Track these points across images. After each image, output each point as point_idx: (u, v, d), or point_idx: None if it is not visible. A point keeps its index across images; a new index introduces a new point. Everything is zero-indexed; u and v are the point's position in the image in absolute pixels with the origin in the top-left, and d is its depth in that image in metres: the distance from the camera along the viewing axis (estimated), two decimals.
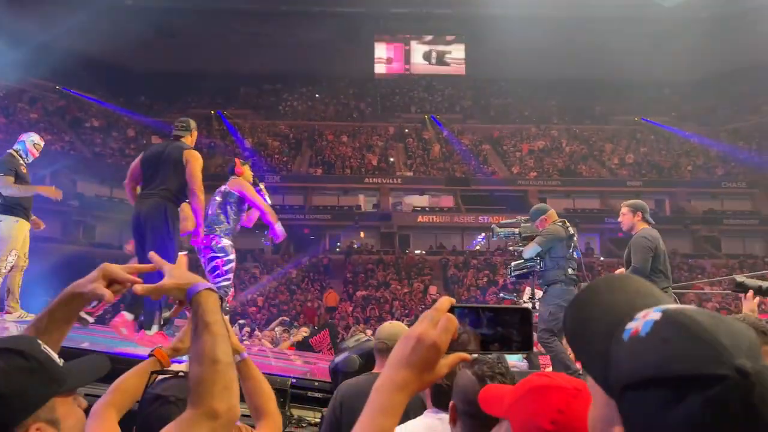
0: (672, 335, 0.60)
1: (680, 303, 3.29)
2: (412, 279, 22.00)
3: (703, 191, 27.00)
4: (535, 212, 5.22)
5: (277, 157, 27.73)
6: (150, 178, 4.77)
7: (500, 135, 30.24)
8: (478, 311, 0.90)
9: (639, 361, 0.61)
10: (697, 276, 20.74)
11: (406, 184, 27.47)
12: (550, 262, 4.87)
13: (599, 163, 28.64)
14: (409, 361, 0.86)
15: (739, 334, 0.60)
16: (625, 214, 4.98)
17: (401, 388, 0.86)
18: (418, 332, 0.87)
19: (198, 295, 1.17)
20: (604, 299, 0.73)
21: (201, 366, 1.10)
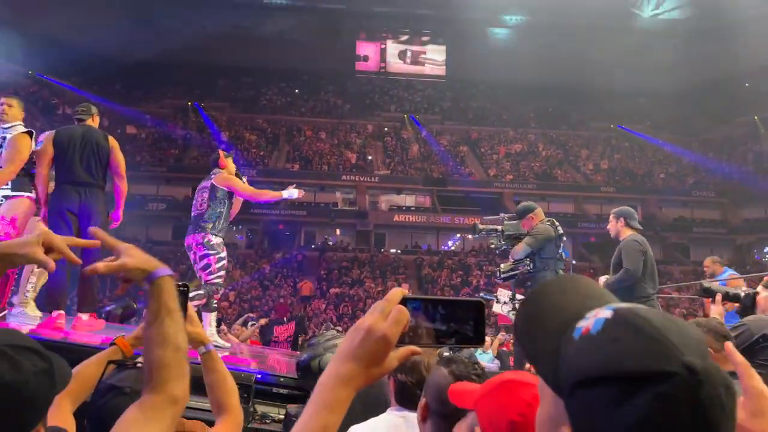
0: (622, 333, 0.60)
1: None
2: (386, 278, 21.99)
3: (674, 199, 27.53)
4: (522, 210, 5.09)
5: (254, 151, 27.48)
6: (71, 164, 4.65)
7: (478, 137, 30.42)
8: (431, 304, 0.88)
9: (588, 359, 0.61)
10: (666, 282, 21.10)
11: (383, 183, 27.46)
12: (539, 263, 4.76)
13: (574, 168, 28.98)
14: (356, 353, 0.82)
15: (688, 334, 0.61)
16: (611, 221, 5.01)
17: (346, 383, 0.82)
18: (367, 324, 0.83)
19: (161, 280, 1.14)
20: (556, 299, 0.73)
21: (165, 350, 1.10)
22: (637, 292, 4.59)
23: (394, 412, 1.90)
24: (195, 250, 4.96)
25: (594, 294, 0.73)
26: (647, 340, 0.59)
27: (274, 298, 19.06)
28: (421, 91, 33.33)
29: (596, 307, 0.67)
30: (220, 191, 5.06)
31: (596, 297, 0.72)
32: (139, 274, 1.15)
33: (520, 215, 5.03)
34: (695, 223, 26.94)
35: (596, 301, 0.70)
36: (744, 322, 2.75)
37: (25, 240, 1.15)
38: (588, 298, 0.71)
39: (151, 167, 26.04)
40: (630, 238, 4.76)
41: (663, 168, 28.87)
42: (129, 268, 1.14)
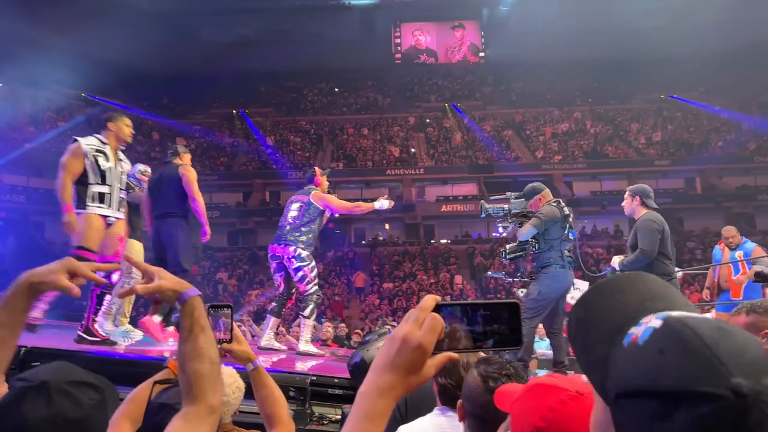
0: (669, 345, 0.57)
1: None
2: (438, 269, 21.95)
3: (735, 167, 26.33)
4: (529, 192, 5.01)
5: (299, 153, 27.87)
6: (155, 200, 5.38)
7: (522, 119, 29.90)
8: (465, 308, 0.88)
9: (633, 369, 0.59)
10: None
11: (428, 174, 27.38)
12: (544, 244, 4.71)
13: (625, 143, 28.12)
14: (394, 364, 0.83)
15: (742, 348, 0.55)
16: (626, 198, 4.88)
17: (386, 393, 0.83)
18: (402, 333, 0.83)
19: (193, 299, 1.21)
20: (611, 301, 0.70)
21: (202, 364, 1.16)
22: (655, 270, 4.45)
23: (438, 412, 1.92)
24: (286, 263, 5.24)
25: (654, 295, 0.69)
26: (693, 356, 0.55)
27: (329, 297, 19.32)
28: (461, 78, 32.98)
29: (656, 309, 0.64)
30: (315, 208, 5.33)
31: (657, 299, 0.68)
32: (172, 295, 1.22)
33: (528, 196, 4.97)
34: (760, 191, 25.69)
35: (656, 303, 0.66)
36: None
37: (51, 268, 1.22)
38: (647, 300, 0.67)
39: (202, 176, 26.52)
40: (645, 217, 4.63)
41: (720, 135, 27.64)
42: (164, 289, 1.21)
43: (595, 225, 24.68)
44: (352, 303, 19.90)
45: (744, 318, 2.40)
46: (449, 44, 32.55)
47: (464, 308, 0.88)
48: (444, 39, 32.65)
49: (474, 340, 0.86)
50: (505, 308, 0.88)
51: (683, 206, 25.63)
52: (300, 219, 5.30)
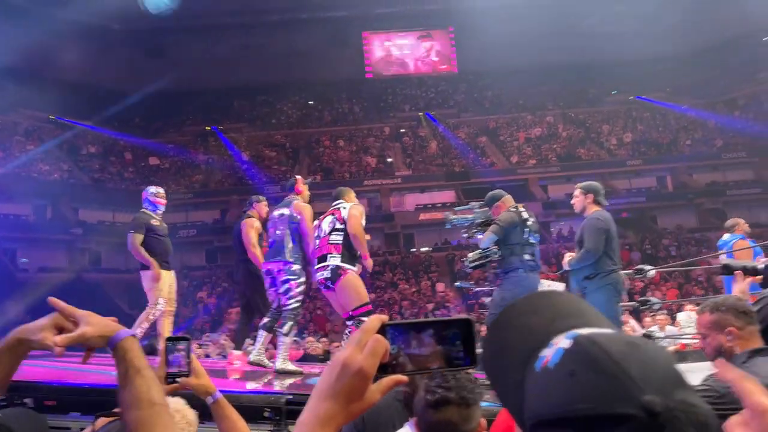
0: (578, 368, 0.55)
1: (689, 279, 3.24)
2: (419, 277, 21.98)
3: (704, 164, 26.86)
4: (489, 199, 5.10)
5: (275, 167, 27.77)
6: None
7: (496, 126, 30.17)
8: (414, 327, 0.84)
9: (547, 396, 0.57)
10: (704, 251, 20.62)
11: (406, 183, 27.46)
12: (505, 250, 4.78)
13: (597, 145, 28.52)
14: (334, 391, 0.78)
15: (653, 363, 0.54)
16: (577, 196, 4.94)
17: (326, 422, 0.78)
18: (342, 358, 0.79)
19: (123, 342, 1.16)
20: (522, 322, 0.68)
21: (140, 410, 1.10)
22: (599, 267, 4.58)
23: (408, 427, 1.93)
24: (276, 275, 5.21)
25: (565, 312, 0.66)
26: (603, 376, 0.53)
27: (311, 311, 19.21)
28: (434, 87, 33.20)
29: (567, 327, 0.62)
30: (296, 218, 5.34)
31: (568, 316, 0.65)
32: (100, 341, 1.17)
33: (489, 204, 5.02)
34: (729, 186, 26.24)
35: (568, 321, 0.64)
36: (766, 294, 2.69)
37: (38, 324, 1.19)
38: (558, 319, 0.65)
39: (178, 195, 26.52)
40: (593, 216, 4.71)
41: (689, 134, 28.20)
42: (88, 337, 1.16)
43: (572, 227, 24.95)
44: (333, 316, 19.80)
45: (708, 316, 2.46)
46: (419, 54, 32.75)
47: (412, 327, 0.84)
48: (414, 49, 32.84)
49: (422, 361, 0.83)
50: (455, 326, 0.84)
51: (656, 204, 26.08)
52: (287, 234, 5.27)
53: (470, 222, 5.13)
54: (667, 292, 18.15)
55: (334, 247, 5.09)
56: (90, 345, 1.18)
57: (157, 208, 6.07)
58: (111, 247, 23.49)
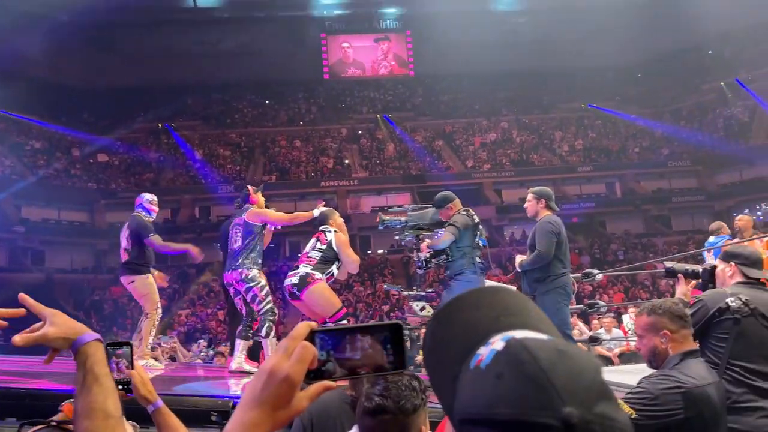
0: (506, 371, 0.56)
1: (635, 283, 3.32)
2: (375, 280, 21.98)
3: (651, 171, 27.80)
4: (440, 200, 5.13)
5: (229, 167, 27.33)
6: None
7: (452, 130, 30.50)
8: (342, 333, 0.84)
9: (474, 395, 0.57)
10: (650, 255, 21.34)
11: (362, 185, 27.46)
12: (456, 252, 4.83)
13: (550, 151, 29.17)
14: (260, 399, 0.77)
15: (579, 374, 0.55)
16: (530, 200, 5.01)
17: (251, 431, 0.77)
18: (269, 366, 0.78)
19: (86, 346, 1.12)
20: (467, 316, 0.67)
21: (94, 421, 1.06)
22: (550, 270, 4.68)
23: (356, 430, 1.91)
24: (236, 287, 5.24)
25: (511, 311, 0.66)
26: (529, 382, 0.53)
27: None
28: (392, 90, 33.33)
29: (508, 326, 0.62)
30: (255, 227, 5.28)
31: (511, 315, 0.65)
32: (62, 343, 1.12)
33: (439, 205, 5.08)
34: (674, 193, 27.26)
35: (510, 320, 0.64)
36: (701, 298, 2.80)
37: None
38: (502, 317, 0.65)
39: (127, 193, 25.79)
40: (545, 220, 4.81)
41: (637, 142, 29.15)
42: (50, 338, 1.11)
43: (524, 230, 25.43)
44: (288, 318, 19.60)
45: (646, 318, 2.54)
46: (376, 57, 32.85)
47: (342, 333, 0.85)
48: (371, 52, 32.92)
49: (351, 366, 0.83)
50: (386, 330, 0.85)
51: (605, 210, 26.85)
52: (242, 242, 5.27)
53: (403, 224, 5.17)
54: (614, 295, 18.67)
55: (308, 260, 5.14)
56: (52, 346, 1.13)
57: (150, 215, 6.03)
58: (55, 246, 22.69)
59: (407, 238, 5.23)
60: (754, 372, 2.55)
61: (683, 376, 2.27)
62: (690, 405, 2.20)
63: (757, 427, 2.48)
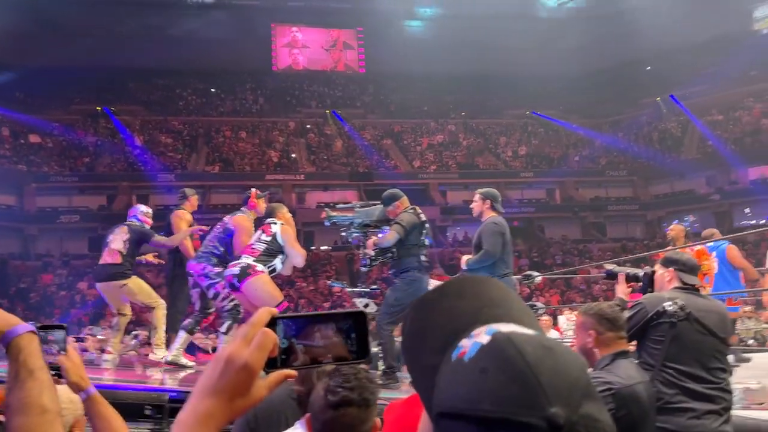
0: (491, 366, 0.54)
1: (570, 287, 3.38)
2: (317, 276, 21.84)
3: (589, 180, 28.81)
4: (388, 198, 5.11)
5: (170, 155, 26.54)
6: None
7: (401, 129, 30.66)
8: (305, 320, 0.81)
9: (455, 388, 0.55)
10: (586, 261, 22.07)
11: (309, 180, 27.22)
12: (402, 250, 4.83)
13: (494, 155, 29.76)
14: (217, 387, 0.73)
15: (564, 373, 0.53)
16: (476, 201, 5.09)
17: (206, 421, 0.73)
18: (227, 353, 0.74)
19: (18, 339, 1.04)
20: (448, 305, 0.65)
21: (28, 416, 0.99)
22: (494, 271, 4.76)
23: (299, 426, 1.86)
24: (197, 279, 5.16)
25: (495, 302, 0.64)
26: (513, 380, 0.52)
27: None
28: (342, 86, 33.19)
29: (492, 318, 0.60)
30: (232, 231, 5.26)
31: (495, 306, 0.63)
32: None
33: (386, 203, 5.09)
34: (610, 202, 28.33)
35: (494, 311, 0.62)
36: (641, 301, 2.89)
37: None
38: (486, 307, 0.63)
39: (61, 178, 24.69)
40: (490, 220, 4.91)
41: (577, 151, 30.11)
42: None
43: (467, 232, 25.84)
44: None
45: (580, 317, 2.64)
46: (327, 51, 32.66)
47: (304, 320, 0.81)
48: (322, 45, 32.70)
49: (314, 355, 0.80)
50: (349, 319, 0.82)
51: (544, 215, 27.64)
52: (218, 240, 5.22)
53: (350, 221, 5.15)
54: (550, 298, 19.23)
55: (252, 251, 4.99)
56: None
57: (144, 227, 5.96)
58: None
59: (354, 235, 5.20)
60: (687, 374, 2.65)
61: (613, 377, 2.35)
62: (620, 404, 2.27)
63: (687, 428, 2.59)
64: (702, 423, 2.59)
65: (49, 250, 22.67)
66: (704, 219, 26.33)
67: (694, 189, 27.39)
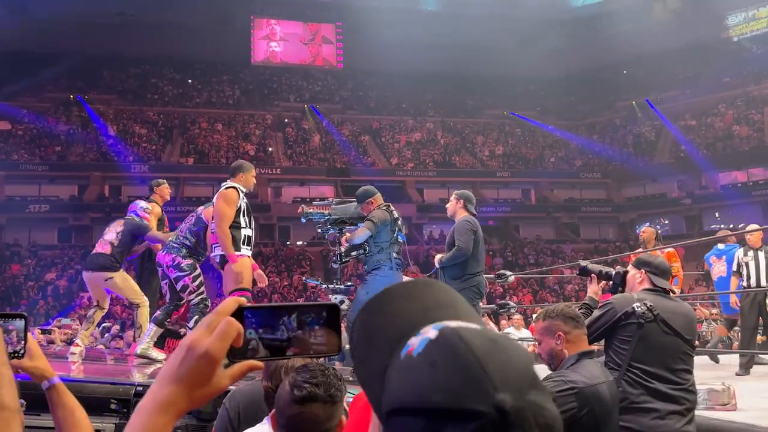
0: (440, 359, 0.54)
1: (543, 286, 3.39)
2: (292, 271, 21.73)
3: (564, 181, 29.15)
4: (362, 194, 5.10)
5: (145, 145, 26.13)
6: None
7: (379, 126, 30.63)
8: (275, 311, 0.78)
9: (405, 385, 0.55)
10: (559, 261, 22.35)
11: (285, 175, 27.04)
12: (374, 247, 4.84)
13: (471, 154, 29.92)
14: (177, 375, 0.73)
15: (511, 363, 0.54)
16: (451, 201, 5.17)
17: (165, 408, 0.72)
18: (188, 341, 0.74)
19: None
20: (396, 307, 0.65)
21: None
22: (465, 269, 4.82)
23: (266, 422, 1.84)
24: (166, 271, 5.05)
25: (441, 304, 0.65)
26: (462, 370, 0.53)
27: None
28: (321, 81, 33.03)
29: (438, 319, 0.60)
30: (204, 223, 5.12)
31: (441, 307, 0.64)
32: None
33: (360, 200, 5.10)
34: (584, 203, 28.71)
35: (439, 313, 0.62)
36: (610, 300, 2.93)
37: None
38: (432, 309, 0.63)
39: (31, 166, 24.14)
40: (463, 219, 4.96)
41: (553, 152, 30.44)
42: None
43: (443, 230, 25.97)
44: None
45: (541, 323, 2.65)
46: (305, 45, 32.44)
47: (275, 311, 0.78)
48: (300, 39, 32.46)
49: (281, 347, 0.77)
50: (321, 310, 0.79)
51: (519, 215, 27.90)
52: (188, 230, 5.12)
53: (326, 218, 5.15)
54: (523, 297, 19.43)
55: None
56: None
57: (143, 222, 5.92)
58: None
59: (330, 231, 5.19)
60: (652, 375, 2.69)
61: (576, 376, 2.38)
62: (583, 403, 2.30)
63: (650, 428, 2.63)
64: (666, 423, 2.62)
65: (17, 239, 22.16)
66: (675, 222, 26.94)
67: (666, 192, 27.91)
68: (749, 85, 28.01)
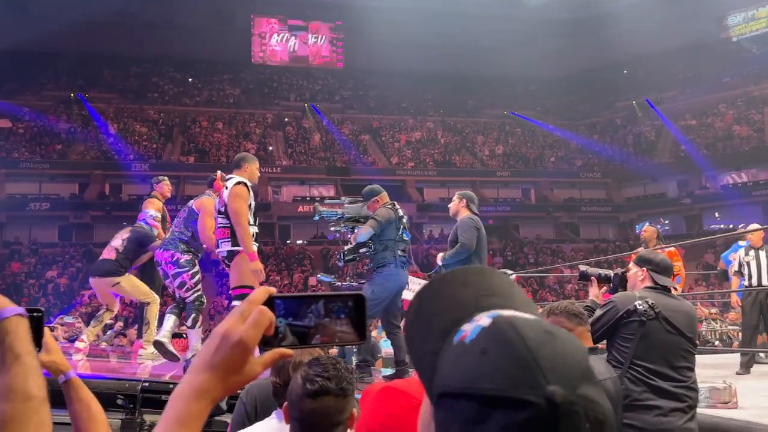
0: (492, 347, 0.55)
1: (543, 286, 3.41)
2: (292, 270, 21.75)
3: (564, 181, 29.16)
4: (368, 193, 5.15)
5: (145, 144, 26.14)
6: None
7: (379, 125, 30.65)
8: (304, 301, 0.81)
9: (456, 369, 0.57)
10: (558, 260, 22.37)
11: (286, 174, 27.05)
12: (379, 245, 4.87)
13: (471, 154, 29.93)
14: (212, 362, 0.75)
15: (564, 355, 0.55)
16: (454, 200, 5.24)
17: (201, 395, 0.74)
18: (223, 329, 0.76)
19: (6, 322, 1.01)
20: (452, 292, 0.66)
21: (12, 403, 0.96)
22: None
23: (275, 416, 1.86)
24: (164, 268, 5.05)
25: (495, 291, 0.65)
26: (514, 360, 0.53)
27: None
28: (321, 80, 33.04)
29: (492, 306, 0.61)
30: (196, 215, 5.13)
31: (496, 295, 0.65)
32: None
33: (366, 198, 5.13)
34: (583, 203, 28.72)
35: (494, 300, 0.63)
36: (612, 299, 2.95)
37: None
38: (484, 296, 0.64)
39: (32, 164, 24.15)
40: (466, 217, 5.04)
41: (553, 152, 30.45)
42: None
43: (443, 229, 25.97)
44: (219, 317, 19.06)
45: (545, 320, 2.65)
46: (305, 44, 32.45)
47: (303, 301, 0.81)
48: (301, 38, 32.47)
49: (310, 335, 0.80)
50: (348, 300, 0.82)
51: (519, 215, 27.91)
52: (181, 224, 5.12)
53: (339, 216, 5.19)
54: None
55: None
56: None
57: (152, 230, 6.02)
58: None
59: (343, 230, 5.21)
60: (654, 372, 2.72)
61: None
62: None
63: (653, 425, 2.65)
64: (668, 420, 2.65)
65: (17, 237, 22.18)
66: (675, 222, 26.97)
67: (665, 192, 27.94)
68: (749, 85, 28.04)
